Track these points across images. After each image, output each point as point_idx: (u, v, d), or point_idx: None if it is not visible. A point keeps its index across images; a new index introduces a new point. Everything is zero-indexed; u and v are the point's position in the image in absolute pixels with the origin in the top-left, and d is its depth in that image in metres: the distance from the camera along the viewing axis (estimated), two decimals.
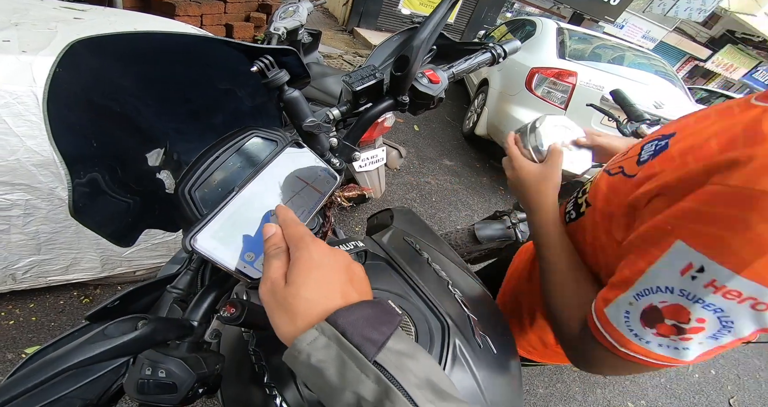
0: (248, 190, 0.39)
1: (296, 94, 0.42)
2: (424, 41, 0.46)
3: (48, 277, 1.26)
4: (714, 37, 13.66)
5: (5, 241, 1.08)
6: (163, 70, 0.43)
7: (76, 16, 1.30)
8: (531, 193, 0.57)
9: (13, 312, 1.33)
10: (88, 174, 0.41)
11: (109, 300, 0.43)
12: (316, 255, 0.29)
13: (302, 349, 0.25)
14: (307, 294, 0.27)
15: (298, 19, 1.90)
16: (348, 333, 0.25)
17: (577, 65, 2.68)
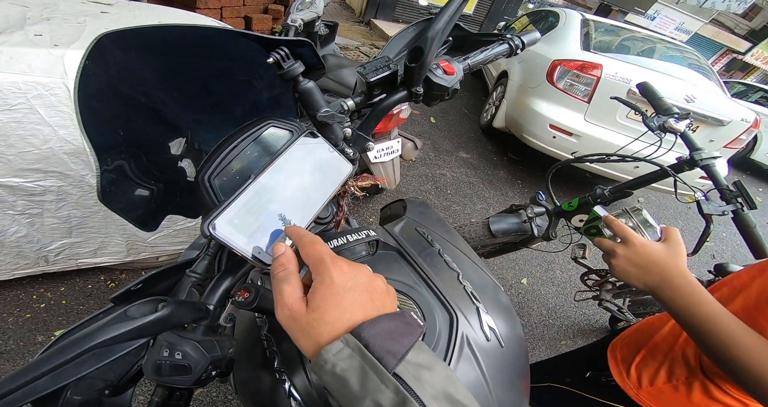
0: (264, 179, 0.41)
1: (311, 85, 0.43)
2: (438, 32, 0.46)
3: (78, 260, 1.33)
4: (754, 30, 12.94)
5: (39, 224, 1.15)
6: (184, 62, 0.45)
7: (102, 10, 1.35)
8: (668, 270, 0.55)
9: (44, 296, 1.40)
10: (115, 161, 0.43)
11: (133, 283, 0.46)
12: (338, 279, 0.30)
13: (328, 359, 0.27)
14: (330, 317, 0.29)
15: (314, 11, 1.91)
16: (371, 345, 0.27)
17: (603, 57, 2.58)
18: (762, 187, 5.45)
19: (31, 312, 1.35)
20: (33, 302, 1.38)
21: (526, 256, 2.39)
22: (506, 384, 0.49)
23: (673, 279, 0.54)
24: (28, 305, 1.36)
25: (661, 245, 0.58)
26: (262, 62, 0.45)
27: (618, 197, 1.21)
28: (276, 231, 0.41)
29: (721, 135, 2.56)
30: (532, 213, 1.43)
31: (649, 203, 3.55)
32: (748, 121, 2.51)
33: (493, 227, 1.44)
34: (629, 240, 0.59)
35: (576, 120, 2.57)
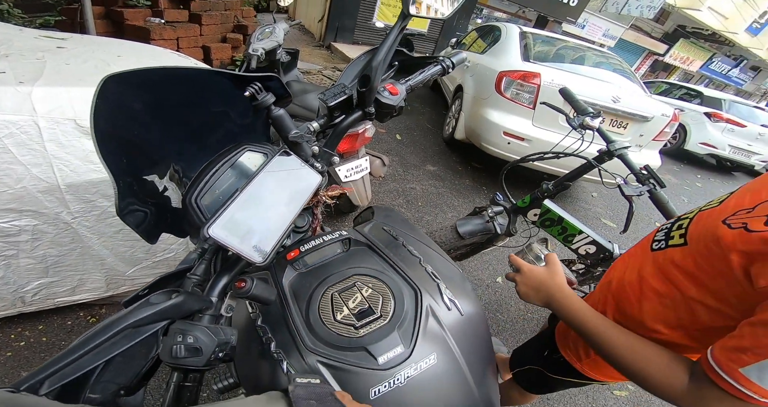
0: (248, 191, 0.49)
1: (281, 112, 0.53)
2: (380, 62, 0.58)
3: (56, 299, 1.31)
4: (667, 32, 14.46)
5: (14, 266, 1.14)
6: (168, 97, 0.53)
7: (58, 45, 1.37)
8: (549, 288, 0.69)
9: (23, 334, 1.37)
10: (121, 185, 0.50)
11: (140, 288, 0.53)
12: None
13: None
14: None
15: (275, 40, 2.00)
16: None
17: (540, 67, 2.86)
18: (699, 174, 6.01)
19: (11, 350, 1.32)
20: (12, 341, 1.35)
21: (499, 256, 2.53)
22: (470, 348, 0.58)
23: (554, 294, 0.68)
24: (6, 344, 1.34)
25: (543, 268, 0.73)
26: (236, 94, 0.55)
27: (561, 189, 1.38)
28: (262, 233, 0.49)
29: (648, 129, 2.90)
30: (493, 212, 1.57)
31: (602, 196, 3.87)
32: (668, 116, 2.86)
33: (461, 229, 1.56)
34: (521, 269, 0.75)
35: (525, 126, 2.81)
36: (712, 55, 15.79)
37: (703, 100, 6.37)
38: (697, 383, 0.48)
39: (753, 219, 0.47)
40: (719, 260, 0.50)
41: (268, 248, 0.50)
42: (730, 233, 0.49)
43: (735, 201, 0.55)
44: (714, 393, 0.45)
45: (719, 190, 5.49)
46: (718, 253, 0.50)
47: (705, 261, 0.53)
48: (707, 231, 0.54)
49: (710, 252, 0.52)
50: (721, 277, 0.50)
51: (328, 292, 0.58)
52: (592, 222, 3.35)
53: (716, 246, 0.51)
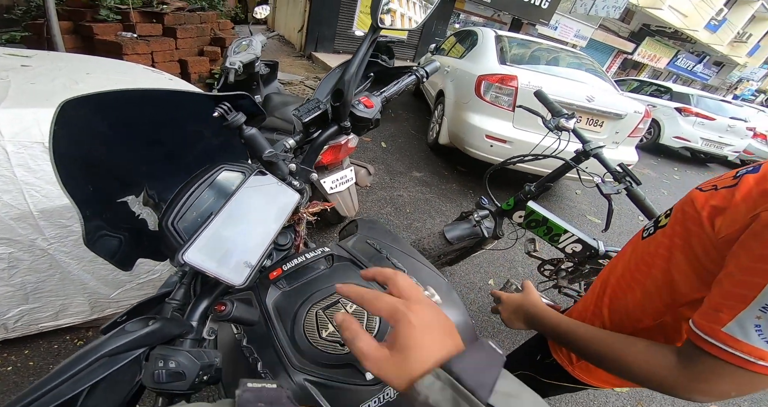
0: (225, 213, 0.48)
1: (253, 132, 0.52)
2: (352, 75, 0.58)
3: (39, 324, 1.28)
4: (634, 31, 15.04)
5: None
6: (137, 120, 0.52)
7: (23, 63, 1.33)
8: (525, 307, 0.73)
9: (9, 359, 1.35)
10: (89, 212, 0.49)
11: (119, 315, 0.51)
12: (415, 321, 0.33)
13: (421, 391, 0.29)
14: (415, 356, 0.31)
15: (252, 52, 1.99)
16: (462, 379, 0.29)
17: (517, 69, 2.94)
18: (676, 166, 6.22)
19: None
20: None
21: (489, 259, 2.55)
22: None
23: (529, 310, 0.71)
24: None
25: (517, 294, 0.78)
26: (209, 113, 0.54)
27: (542, 190, 1.40)
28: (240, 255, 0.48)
29: (622, 126, 2.99)
30: (479, 216, 1.58)
31: (586, 193, 3.95)
32: (641, 113, 2.97)
33: (448, 235, 1.57)
34: (501, 298, 0.80)
35: (506, 128, 2.86)
36: (676, 52, 16.48)
37: (672, 95, 6.61)
38: (686, 359, 0.46)
39: (721, 180, 0.54)
40: (693, 221, 0.54)
41: (247, 270, 0.49)
42: (702, 195, 0.54)
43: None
44: (707, 364, 0.43)
45: (696, 181, 5.61)
46: (692, 214, 0.54)
47: (681, 226, 0.56)
48: (685, 200, 0.59)
49: (685, 215, 0.56)
50: (695, 237, 0.53)
51: (312, 310, 0.57)
52: (577, 220, 3.41)
53: (691, 208, 0.55)
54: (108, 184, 0.56)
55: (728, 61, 18.23)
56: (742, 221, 0.45)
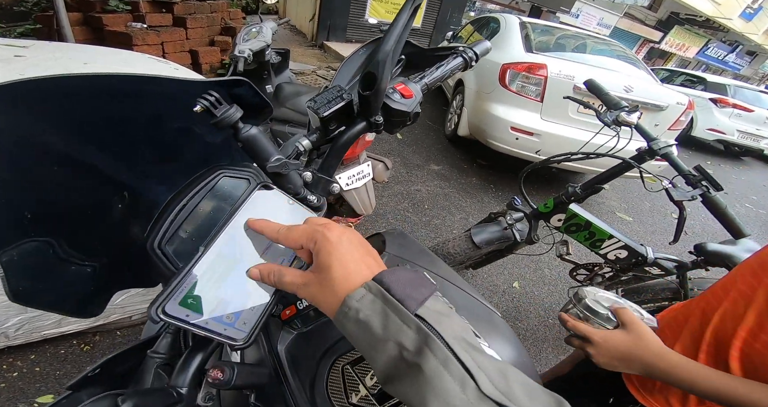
0: (217, 246, 0.35)
1: (254, 132, 0.37)
2: (389, 53, 0.43)
3: (42, 332, 1.23)
4: (661, 20, 14.42)
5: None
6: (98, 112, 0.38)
7: (17, 53, 1.24)
8: (644, 359, 0.56)
9: (14, 365, 1.30)
10: (27, 246, 0.35)
11: (90, 369, 0.39)
12: (332, 237, 0.32)
13: (351, 305, 0.28)
14: (337, 273, 0.30)
15: (263, 40, 1.86)
16: (392, 289, 0.28)
17: (545, 57, 2.72)
18: (709, 160, 5.90)
19: (4, 381, 1.25)
20: (4, 372, 1.27)
21: (513, 259, 2.39)
22: None
23: (655, 366, 0.55)
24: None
25: (621, 334, 0.58)
26: None
27: (590, 193, 1.23)
28: (239, 302, 0.35)
29: (662, 119, 2.74)
30: (512, 219, 1.43)
31: (614, 189, 3.72)
32: (684, 104, 2.71)
33: (476, 239, 1.43)
34: (592, 339, 0.60)
35: (534, 119, 2.65)
36: (707, 41, 15.68)
37: (706, 86, 6.28)
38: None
39: None
40: None
41: (249, 322, 0.35)
42: None
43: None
44: None
45: (731, 175, 5.37)
46: None
47: None
48: None
49: None
50: None
51: (337, 365, 0.44)
52: (606, 217, 3.20)
53: None
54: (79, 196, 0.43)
55: (762, 51, 17.25)
56: None
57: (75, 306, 0.42)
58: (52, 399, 0.37)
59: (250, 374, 0.38)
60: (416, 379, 0.25)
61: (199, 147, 0.54)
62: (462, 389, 0.24)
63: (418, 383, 0.25)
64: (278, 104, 1.94)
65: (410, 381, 0.25)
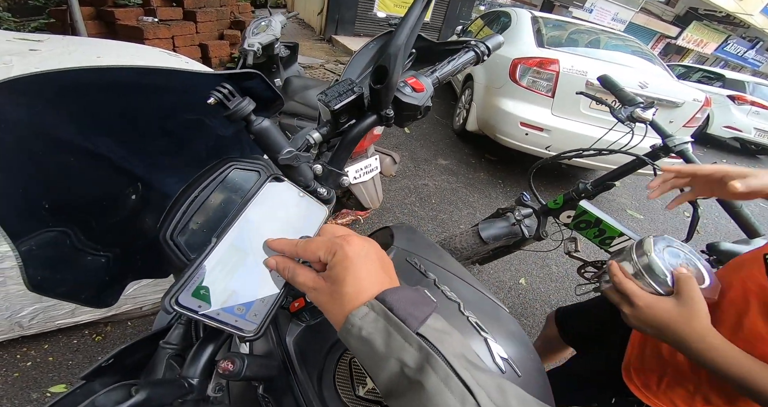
0: (229, 238, 0.35)
1: (266, 124, 0.37)
2: (401, 47, 0.42)
3: (56, 321, 1.25)
4: (679, 15, 14.05)
5: (4, 293, 1.06)
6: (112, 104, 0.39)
7: (32, 47, 1.25)
8: (683, 334, 0.50)
9: (28, 354, 1.33)
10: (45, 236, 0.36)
11: (103, 359, 0.40)
12: (350, 252, 0.32)
13: (354, 323, 0.29)
14: (350, 287, 0.31)
15: (272, 33, 1.87)
16: (394, 308, 0.29)
17: (557, 52, 2.67)
18: (725, 158, 5.77)
19: (18, 370, 1.28)
20: (18, 361, 1.30)
21: (520, 255, 2.38)
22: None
23: (691, 344, 0.50)
24: (13, 364, 1.29)
25: (671, 304, 0.51)
26: None
27: (600, 190, 1.21)
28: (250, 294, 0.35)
29: (677, 115, 2.68)
30: (520, 215, 1.41)
31: (625, 186, 3.65)
32: (700, 101, 2.64)
33: (484, 234, 1.42)
34: (636, 303, 0.53)
35: (544, 115, 2.62)
36: (727, 37, 15.22)
37: (725, 82, 6.12)
38: None
39: None
40: None
41: (260, 314, 0.36)
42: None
43: None
44: None
45: None
46: None
47: None
48: None
49: None
50: None
51: (345, 358, 0.45)
52: (617, 215, 3.16)
53: None
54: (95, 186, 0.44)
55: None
56: None
57: (90, 296, 0.43)
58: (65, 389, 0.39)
59: (260, 366, 0.39)
60: (418, 396, 0.26)
61: (210, 140, 0.55)
62: (462, 406, 0.24)
63: (419, 399, 0.25)
64: (287, 97, 1.95)
65: (412, 397, 0.26)
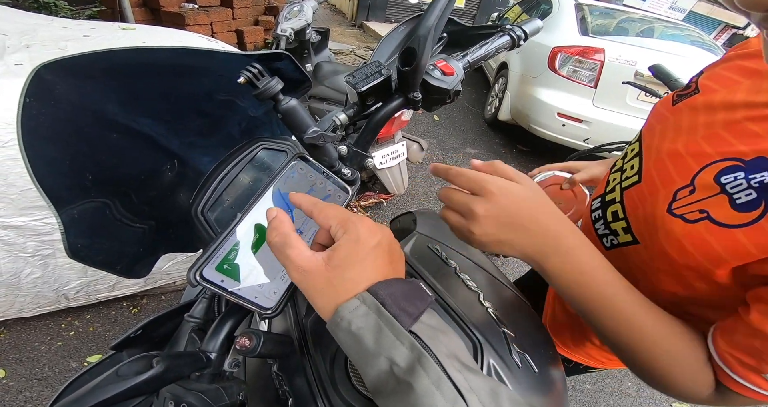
0: (253, 214, 0.36)
1: (293, 103, 0.38)
2: (431, 29, 0.41)
3: (98, 295, 1.35)
4: None
5: (53, 265, 1.14)
6: (152, 85, 0.41)
7: (85, 33, 1.33)
8: (536, 227, 0.37)
9: (72, 324, 1.44)
10: (87, 206, 0.39)
11: (132, 330, 0.43)
12: (364, 237, 0.29)
13: (344, 316, 0.27)
14: (351, 274, 0.28)
15: (304, 19, 1.88)
16: (387, 303, 0.27)
17: (603, 41, 2.51)
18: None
19: (61, 340, 1.39)
20: (62, 330, 1.42)
21: None
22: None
23: (563, 240, 0.38)
24: (57, 333, 1.41)
25: (518, 188, 0.38)
26: None
27: None
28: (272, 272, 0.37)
29: None
30: None
31: None
32: None
33: None
34: (485, 189, 0.37)
35: (584, 106, 2.49)
36: None
37: None
38: (722, 394, 0.37)
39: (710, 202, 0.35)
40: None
41: (279, 292, 0.37)
42: (688, 229, 0.36)
43: (656, 171, 0.43)
44: (740, 400, 0.36)
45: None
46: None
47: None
48: (655, 228, 0.40)
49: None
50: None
51: None
52: None
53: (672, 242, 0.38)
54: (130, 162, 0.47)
55: None
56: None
57: (125, 267, 0.46)
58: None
59: (276, 344, 0.40)
60: (407, 397, 0.24)
61: (243, 120, 0.57)
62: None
63: (408, 401, 0.24)
64: (317, 82, 1.96)
65: (400, 398, 0.25)
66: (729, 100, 0.40)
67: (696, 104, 0.44)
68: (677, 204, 0.38)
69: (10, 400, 1.21)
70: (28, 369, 1.29)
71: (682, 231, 0.37)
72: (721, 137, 0.38)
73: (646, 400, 1.64)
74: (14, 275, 1.11)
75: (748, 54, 0.43)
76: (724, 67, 0.45)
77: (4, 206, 0.98)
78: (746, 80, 0.40)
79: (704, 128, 0.41)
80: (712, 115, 0.41)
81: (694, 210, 0.37)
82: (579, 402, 1.58)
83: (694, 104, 0.45)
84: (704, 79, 0.46)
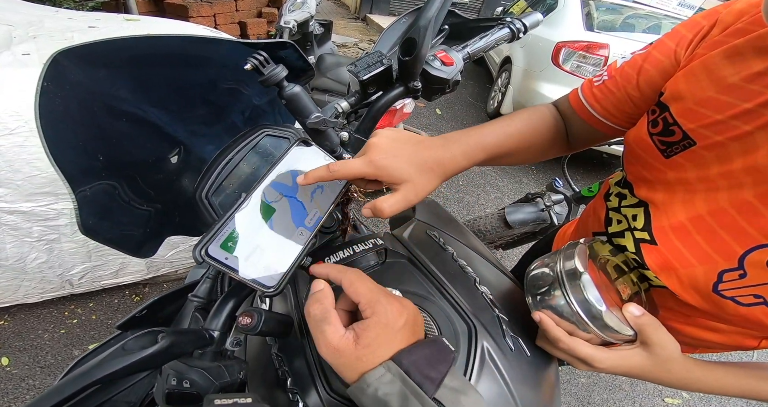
0: (257, 195, 0.38)
1: (297, 90, 0.39)
2: (431, 20, 0.42)
3: (102, 282, 1.36)
4: None
5: (58, 250, 1.15)
6: (162, 73, 0.42)
7: (91, 24, 1.34)
8: (660, 380, 0.43)
9: (75, 312, 1.45)
10: (98, 187, 0.40)
11: (138, 310, 0.45)
12: (393, 319, 0.31)
13: (371, 383, 0.29)
14: (379, 351, 0.30)
15: (307, 11, 1.88)
16: (411, 372, 0.29)
17: (608, 37, 2.51)
18: None
19: (64, 327, 1.40)
20: (65, 318, 1.43)
21: None
22: (534, 395, 0.45)
23: (675, 385, 0.43)
24: (60, 321, 1.41)
25: (640, 358, 0.40)
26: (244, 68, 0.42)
27: None
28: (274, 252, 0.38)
29: None
30: (550, 201, 1.37)
31: None
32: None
33: (510, 218, 1.39)
34: (592, 365, 0.41)
35: None
36: None
37: None
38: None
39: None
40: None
41: (280, 271, 0.38)
42: (743, 311, 0.35)
43: (680, 241, 0.39)
44: None
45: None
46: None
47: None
48: (700, 298, 0.39)
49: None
50: None
51: None
52: None
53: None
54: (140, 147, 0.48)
55: None
56: None
57: (132, 246, 0.48)
58: None
59: (277, 322, 0.41)
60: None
61: (247, 109, 0.58)
62: None
63: None
64: (320, 74, 1.96)
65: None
66: (752, 165, 0.33)
67: (703, 161, 0.37)
68: (725, 286, 0.35)
69: (14, 388, 1.22)
70: (31, 356, 1.30)
71: (734, 311, 0.36)
72: (757, 211, 0.32)
73: (639, 394, 1.67)
74: (20, 259, 1.13)
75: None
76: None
77: (11, 192, 1.00)
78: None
79: (728, 192, 0.35)
80: (733, 178, 0.35)
81: (748, 294, 0.34)
82: (574, 395, 1.60)
83: (699, 161, 0.37)
84: (690, 123, 0.37)
